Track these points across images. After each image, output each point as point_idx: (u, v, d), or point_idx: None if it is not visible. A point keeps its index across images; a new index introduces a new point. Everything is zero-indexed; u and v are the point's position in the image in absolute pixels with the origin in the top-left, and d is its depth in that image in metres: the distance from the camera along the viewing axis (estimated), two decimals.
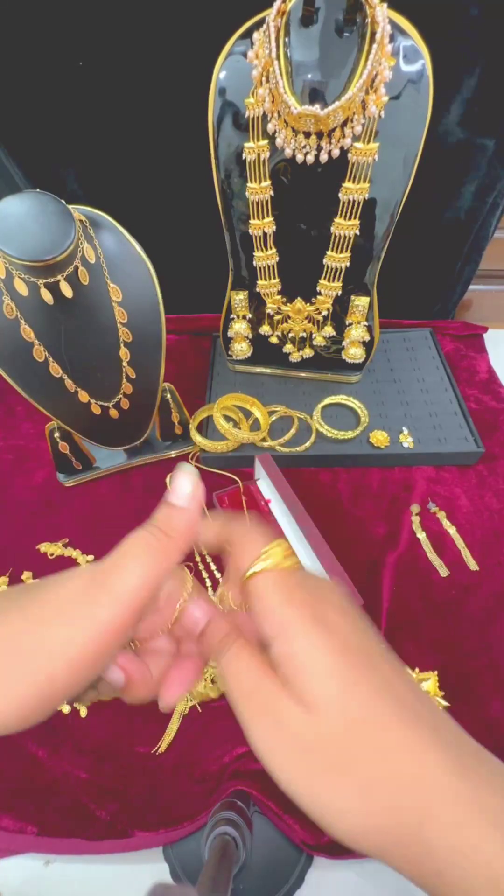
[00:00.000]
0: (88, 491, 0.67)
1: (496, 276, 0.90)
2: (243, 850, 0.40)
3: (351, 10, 0.44)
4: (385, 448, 0.66)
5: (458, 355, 0.82)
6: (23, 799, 0.45)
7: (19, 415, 0.76)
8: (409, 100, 0.47)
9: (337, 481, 0.67)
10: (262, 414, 0.69)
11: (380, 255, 0.59)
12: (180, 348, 0.82)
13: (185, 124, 0.60)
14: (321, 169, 0.51)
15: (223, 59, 0.48)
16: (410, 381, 0.75)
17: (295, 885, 0.42)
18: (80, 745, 0.48)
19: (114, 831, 0.44)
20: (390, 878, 0.43)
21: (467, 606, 0.55)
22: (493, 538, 0.61)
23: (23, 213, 0.45)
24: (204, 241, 0.69)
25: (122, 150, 0.67)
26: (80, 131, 0.65)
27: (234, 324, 0.68)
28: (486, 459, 0.68)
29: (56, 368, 0.54)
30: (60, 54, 0.58)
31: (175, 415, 0.67)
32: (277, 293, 0.63)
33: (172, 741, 0.48)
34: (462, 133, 0.62)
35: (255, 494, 0.64)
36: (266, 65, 0.46)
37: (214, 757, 0.47)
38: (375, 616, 0.54)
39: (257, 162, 0.52)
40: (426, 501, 0.64)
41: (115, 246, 0.52)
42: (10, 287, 0.48)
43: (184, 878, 0.42)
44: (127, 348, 0.55)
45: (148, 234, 0.53)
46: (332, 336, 0.67)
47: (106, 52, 0.58)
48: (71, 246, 0.46)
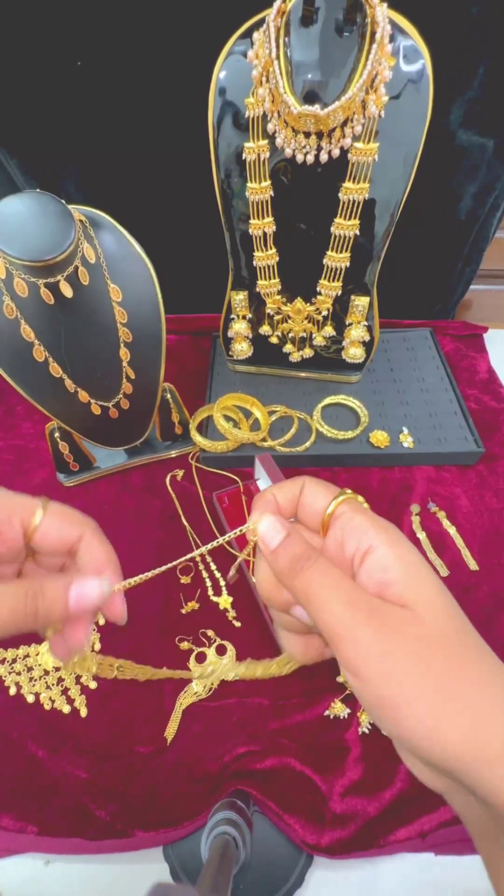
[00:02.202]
0: (88, 491, 0.67)
1: (496, 276, 0.90)
2: (243, 850, 0.40)
3: (351, 10, 0.44)
4: (385, 448, 0.66)
5: (458, 355, 0.82)
6: (23, 799, 0.45)
7: (19, 415, 0.76)
8: (409, 100, 0.47)
9: (337, 481, 0.67)
10: (262, 414, 0.69)
11: (380, 255, 0.59)
12: (180, 348, 0.82)
13: (185, 124, 0.60)
14: (321, 169, 0.51)
15: (223, 59, 0.48)
16: (410, 381, 0.75)
17: (295, 885, 0.42)
18: (80, 745, 0.48)
19: (114, 831, 0.44)
20: (391, 878, 0.43)
21: (467, 606, 0.54)
22: (493, 538, 0.61)
23: (23, 213, 0.45)
24: (204, 241, 0.70)
25: (122, 149, 0.67)
26: (80, 131, 0.65)
27: (234, 324, 0.68)
28: (486, 459, 0.68)
29: (56, 368, 0.54)
30: (60, 54, 0.58)
31: (175, 415, 0.67)
32: (277, 293, 0.63)
33: (173, 741, 0.48)
34: (463, 133, 0.62)
35: (255, 494, 0.63)
36: (266, 65, 0.46)
37: (214, 757, 0.47)
38: None
39: (257, 162, 0.52)
40: (426, 501, 0.64)
41: (115, 246, 0.52)
42: (10, 287, 0.48)
43: (184, 878, 0.42)
44: (127, 348, 0.55)
45: (148, 234, 0.53)
46: (332, 336, 0.67)
47: (106, 53, 0.58)
48: (71, 246, 0.46)
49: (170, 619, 0.55)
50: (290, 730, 0.48)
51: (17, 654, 0.53)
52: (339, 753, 0.47)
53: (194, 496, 0.65)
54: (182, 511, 0.63)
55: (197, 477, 0.67)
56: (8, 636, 0.21)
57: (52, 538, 0.25)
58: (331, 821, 0.43)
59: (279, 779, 0.45)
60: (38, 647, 0.54)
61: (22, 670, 0.52)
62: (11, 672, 0.52)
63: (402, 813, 0.43)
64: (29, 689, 0.51)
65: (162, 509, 0.64)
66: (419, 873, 0.43)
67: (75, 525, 0.25)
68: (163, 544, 0.61)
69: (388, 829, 0.43)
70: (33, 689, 0.51)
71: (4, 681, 0.52)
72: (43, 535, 0.24)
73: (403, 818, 0.43)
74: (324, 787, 0.45)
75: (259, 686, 0.50)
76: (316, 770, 0.46)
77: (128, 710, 0.50)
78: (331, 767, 0.46)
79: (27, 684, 0.51)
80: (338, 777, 0.45)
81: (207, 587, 0.57)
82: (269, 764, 0.46)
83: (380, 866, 0.44)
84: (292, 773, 0.46)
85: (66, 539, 0.25)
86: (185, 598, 0.57)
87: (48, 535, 0.24)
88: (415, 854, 0.43)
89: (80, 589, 0.22)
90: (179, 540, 0.61)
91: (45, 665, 0.53)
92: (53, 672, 0.52)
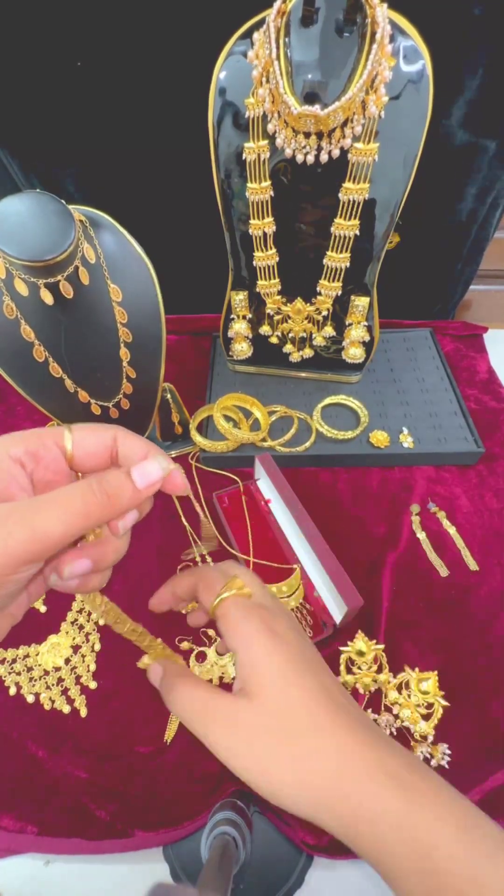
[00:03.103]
0: None
1: (496, 276, 0.90)
2: (243, 850, 0.40)
3: (351, 10, 0.44)
4: (385, 448, 0.66)
5: (458, 355, 0.82)
6: (23, 799, 0.45)
7: (19, 415, 0.76)
8: (409, 100, 0.47)
9: (337, 481, 0.67)
10: (262, 414, 0.69)
11: (380, 255, 0.59)
12: (180, 348, 0.83)
13: (185, 124, 0.60)
14: (321, 169, 0.51)
15: (223, 59, 0.48)
16: (410, 381, 0.75)
17: (295, 885, 0.42)
18: (80, 745, 0.48)
19: (114, 831, 0.44)
20: None
21: (467, 606, 0.55)
22: (493, 538, 0.61)
23: (23, 213, 0.45)
24: (204, 241, 0.70)
25: (122, 149, 0.67)
26: (80, 131, 0.65)
27: (234, 324, 0.68)
28: (486, 459, 0.68)
29: (56, 368, 0.54)
30: (60, 54, 0.58)
31: (175, 415, 0.67)
32: (277, 293, 0.63)
33: (173, 741, 0.48)
34: (463, 134, 0.62)
35: (255, 494, 0.64)
36: (266, 65, 0.46)
37: (214, 757, 0.47)
38: (375, 616, 0.54)
39: (257, 162, 0.52)
40: (426, 501, 0.64)
41: (115, 246, 0.52)
42: (11, 287, 0.48)
43: (184, 878, 0.42)
44: (127, 348, 0.55)
45: (148, 234, 0.53)
46: (332, 336, 0.67)
47: (106, 53, 0.58)
48: (71, 246, 0.46)
49: (170, 619, 0.55)
50: None
51: (17, 654, 0.53)
52: None
53: (194, 496, 0.65)
54: (182, 511, 0.63)
55: (197, 477, 0.67)
56: (88, 529, 0.21)
57: (89, 450, 0.24)
58: None
59: None
60: (38, 647, 0.54)
61: (22, 670, 0.52)
62: (11, 672, 0.52)
63: None
64: (29, 689, 0.51)
65: (162, 509, 0.64)
66: None
67: (105, 430, 0.25)
68: (163, 544, 0.61)
69: None
70: (33, 689, 0.51)
71: (4, 681, 0.52)
72: (82, 450, 0.24)
73: None
74: None
75: None
76: None
77: (128, 710, 0.50)
78: None
79: (27, 684, 0.51)
80: None
81: None
82: None
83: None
84: None
85: (104, 445, 0.25)
86: None
87: (86, 448, 0.24)
88: None
89: (142, 469, 0.23)
90: (179, 540, 0.61)
91: (44, 665, 0.53)
92: (53, 672, 0.52)
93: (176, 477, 0.24)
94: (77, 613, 0.56)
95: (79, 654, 0.53)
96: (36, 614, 0.56)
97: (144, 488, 0.23)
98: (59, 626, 0.55)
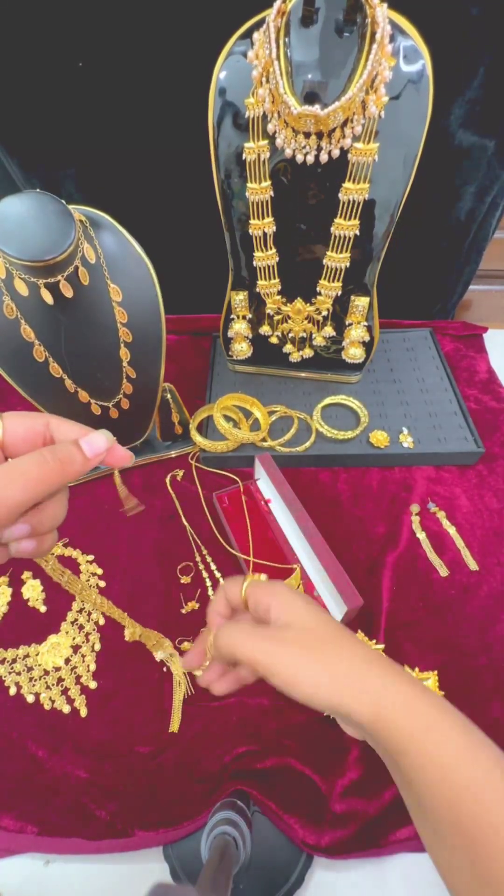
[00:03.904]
0: (88, 491, 0.66)
1: (496, 276, 0.90)
2: (243, 850, 0.40)
3: (351, 10, 0.44)
4: (385, 448, 0.66)
5: (458, 355, 0.82)
6: (23, 799, 0.45)
7: None
8: (409, 100, 0.48)
9: (337, 481, 0.67)
10: (262, 414, 0.69)
11: (380, 256, 0.59)
12: (180, 348, 0.83)
13: (185, 124, 0.60)
14: (321, 169, 0.51)
15: (223, 59, 0.48)
16: (410, 381, 0.75)
17: (295, 885, 0.42)
18: (80, 745, 0.48)
19: (114, 831, 0.44)
20: (390, 878, 0.43)
21: (467, 606, 0.55)
22: (492, 538, 0.61)
23: (23, 213, 0.45)
24: (204, 241, 0.70)
25: (122, 149, 0.67)
26: (80, 131, 0.65)
27: (234, 324, 0.68)
28: (485, 459, 0.68)
29: (56, 368, 0.54)
30: (61, 55, 0.58)
31: (175, 415, 0.67)
32: (277, 293, 0.64)
33: (173, 741, 0.48)
34: (463, 133, 0.62)
35: (255, 494, 0.64)
36: (266, 65, 0.46)
37: (214, 757, 0.47)
38: (375, 616, 0.54)
39: (257, 162, 0.52)
40: (426, 501, 0.64)
41: (115, 246, 0.52)
42: (11, 287, 0.48)
43: (184, 878, 0.42)
44: (127, 348, 0.55)
45: (148, 234, 0.53)
46: (331, 336, 0.67)
47: (106, 53, 0.58)
48: (71, 246, 0.46)
49: (170, 619, 0.55)
50: (291, 730, 0.48)
51: (17, 654, 0.53)
52: (339, 753, 0.47)
53: (194, 496, 0.65)
54: (182, 511, 0.63)
55: (197, 477, 0.67)
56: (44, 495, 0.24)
57: (21, 435, 0.26)
58: (331, 821, 0.43)
59: (279, 779, 0.46)
60: (38, 647, 0.54)
61: (22, 670, 0.52)
62: (11, 672, 0.52)
63: (401, 813, 0.43)
64: (29, 688, 0.51)
65: (162, 509, 0.64)
66: (419, 873, 0.43)
67: (37, 417, 0.26)
68: (163, 544, 0.61)
69: (388, 829, 0.43)
70: (33, 689, 0.51)
71: (4, 681, 0.52)
72: (12, 435, 0.25)
73: (403, 818, 0.43)
74: (324, 787, 0.45)
75: (259, 686, 0.50)
76: (316, 770, 0.46)
77: (128, 710, 0.50)
78: (331, 767, 0.46)
79: (27, 684, 0.51)
80: (338, 777, 0.45)
81: (207, 587, 0.58)
82: (269, 764, 0.46)
83: (380, 866, 0.44)
84: (292, 773, 0.46)
85: (35, 431, 0.26)
86: (185, 598, 0.57)
87: (17, 434, 0.26)
88: (415, 854, 0.43)
89: (89, 440, 0.26)
90: (179, 540, 0.61)
91: (44, 665, 0.53)
92: (53, 672, 0.52)
93: (118, 449, 0.27)
94: (77, 613, 0.56)
95: (79, 653, 0.53)
96: (36, 614, 0.56)
97: (93, 457, 0.25)
98: (59, 626, 0.55)
